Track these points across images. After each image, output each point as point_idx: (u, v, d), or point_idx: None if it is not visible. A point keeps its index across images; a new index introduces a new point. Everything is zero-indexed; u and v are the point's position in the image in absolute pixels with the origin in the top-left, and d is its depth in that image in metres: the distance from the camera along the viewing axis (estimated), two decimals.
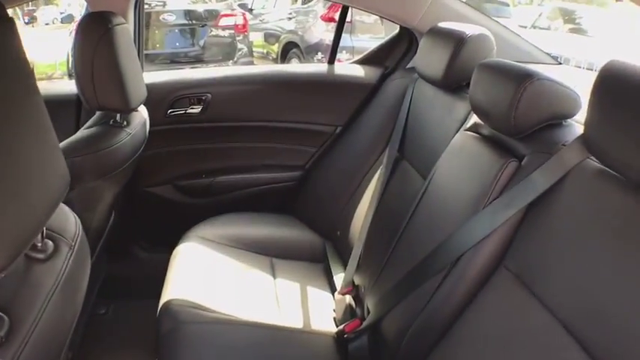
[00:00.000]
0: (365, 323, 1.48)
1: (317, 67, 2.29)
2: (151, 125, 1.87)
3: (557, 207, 1.05)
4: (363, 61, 2.26)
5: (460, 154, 1.39)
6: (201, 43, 5.98)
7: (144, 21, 2.07)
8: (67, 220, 0.90)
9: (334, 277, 1.83)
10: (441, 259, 1.22)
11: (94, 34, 1.41)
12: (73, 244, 0.86)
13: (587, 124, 0.97)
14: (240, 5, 7.56)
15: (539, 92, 1.17)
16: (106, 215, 1.69)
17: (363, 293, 1.64)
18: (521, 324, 1.01)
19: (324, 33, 6.11)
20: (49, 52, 7.73)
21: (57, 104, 1.97)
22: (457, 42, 1.57)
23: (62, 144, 1.36)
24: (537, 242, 1.06)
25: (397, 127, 1.86)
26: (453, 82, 1.62)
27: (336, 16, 2.27)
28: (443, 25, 1.73)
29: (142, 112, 1.72)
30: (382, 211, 1.74)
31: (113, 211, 1.88)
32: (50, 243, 0.82)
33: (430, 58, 1.70)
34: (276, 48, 7.20)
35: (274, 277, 1.82)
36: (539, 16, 8.70)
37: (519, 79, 1.18)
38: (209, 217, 2.06)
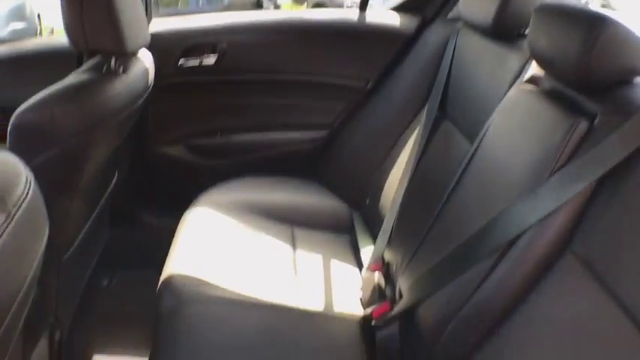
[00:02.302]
0: (396, 309, 1.27)
1: (346, 13, 2.03)
2: (159, 78, 1.66)
3: (637, 179, 0.83)
4: (398, 9, 1.99)
5: (516, 112, 1.16)
6: (225, 1, 5.68)
7: None
8: (14, 178, 0.69)
9: (361, 251, 1.63)
10: (493, 239, 0.99)
11: None
12: (14, 210, 0.65)
13: None
14: None
15: (615, 40, 0.94)
16: (102, 177, 1.50)
17: (395, 272, 1.42)
18: (589, 322, 0.82)
19: None
20: None
21: (55, 58, 1.78)
22: None
23: (42, 92, 1.16)
24: (612, 223, 0.85)
25: (437, 82, 1.62)
26: (506, 29, 1.38)
27: None
28: None
29: (145, 59, 1.50)
30: (420, 177, 1.51)
31: (116, 172, 1.69)
32: None
33: (478, 1, 1.44)
34: (304, 9, 6.89)
35: (294, 248, 1.62)
36: None
37: (592, 22, 0.95)
38: (223, 180, 1.86)
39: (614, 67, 0.96)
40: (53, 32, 6.95)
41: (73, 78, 1.25)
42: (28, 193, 0.68)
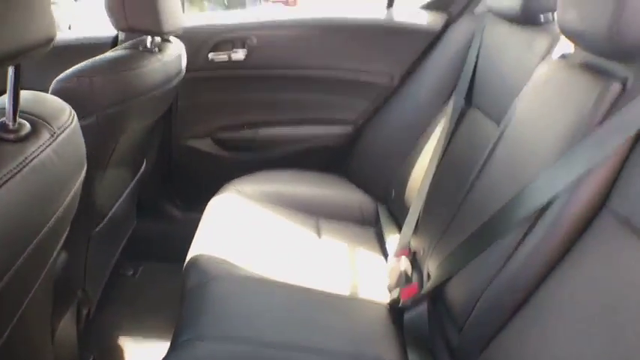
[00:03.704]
0: (424, 289, 1.26)
1: (374, 11, 2.06)
2: (190, 71, 1.70)
3: None
4: (425, 7, 2.02)
5: (545, 86, 1.16)
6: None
7: None
8: (60, 110, 0.75)
9: (387, 242, 1.62)
10: (525, 207, 0.99)
11: None
12: (59, 132, 0.72)
13: None
14: None
15: None
16: (132, 157, 1.52)
17: (422, 257, 1.42)
18: (633, 275, 0.80)
19: None
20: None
21: (92, 48, 1.81)
22: None
23: (84, 63, 1.19)
24: None
25: (464, 74, 1.63)
26: (533, 12, 1.38)
27: None
28: None
29: (178, 45, 1.54)
30: (447, 165, 1.51)
31: (145, 160, 1.71)
32: (27, 125, 0.68)
33: None
34: None
35: (319, 237, 1.63)
36: None
37: None
38: (250, 173, 1.88)
39: None
40: None
41: (111, 53, 1.29)
42: (72, 122, 0.72)
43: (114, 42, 1.80)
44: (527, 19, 1.40)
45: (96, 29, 1.97)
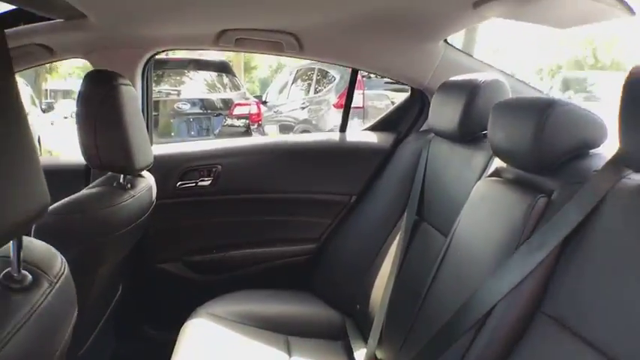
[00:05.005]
0: None
1: (329, 135, 2.24)
2: (159, 198, 1.81)
3: (596, 237, 0.94)
4: (374, 128, 2.21)
5: (482, 202, 1.29)
6: (216, 132, 6.05)
7: (152, 86, 2.05)
8: (52, 258, 0.84)
9: (355, 354, 1.68)
10: (471, 315, 1.09)
11: (99, 89, 1.38)
12: (55, 280, 0.80)
13: (623, 135, 0.88)
14: (255, 97, 7.71)
15: (564, 119, 1.09)
16: (110, 284, 1.59)
17: None
18: None
19: (337, 120, 6.13)
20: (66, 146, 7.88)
21: (66, 174, 1.95)
22: (471, 89, 1.50)
23: (61, 202, 1.29)
24: (577, 280, 0.95)
25: (414, 190, 1.77)
26: (470, 132, 1.54)
27: None
28: (454, 78, 1.68)
29: (148, 178, 1.66)
30: (404, 277, 1.61)
31: (120, 285, 1.78)
32: (29, 276, 0.76)
33: (444, 111, 1.63)
34: None
35: (290, 355, 1.68)
36: (550, 89, 8.71)
37: (541, 107, 1.10)
38: (221, 294, 1.95)
39: (567, 144, 1.09)
40: (51, 155, 7.28)
41: (88, 190, 1.39)
42: (64, 270, 0.81)
43: (87, 169, 1.93)
44: (465, 137, 1.56)
45: (69, 155, 2.07)
